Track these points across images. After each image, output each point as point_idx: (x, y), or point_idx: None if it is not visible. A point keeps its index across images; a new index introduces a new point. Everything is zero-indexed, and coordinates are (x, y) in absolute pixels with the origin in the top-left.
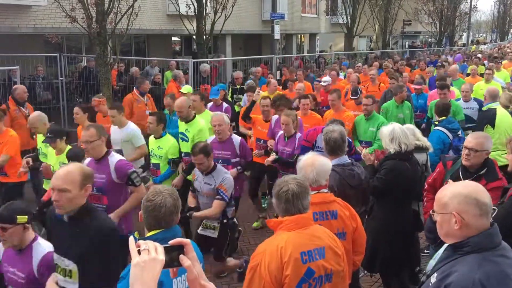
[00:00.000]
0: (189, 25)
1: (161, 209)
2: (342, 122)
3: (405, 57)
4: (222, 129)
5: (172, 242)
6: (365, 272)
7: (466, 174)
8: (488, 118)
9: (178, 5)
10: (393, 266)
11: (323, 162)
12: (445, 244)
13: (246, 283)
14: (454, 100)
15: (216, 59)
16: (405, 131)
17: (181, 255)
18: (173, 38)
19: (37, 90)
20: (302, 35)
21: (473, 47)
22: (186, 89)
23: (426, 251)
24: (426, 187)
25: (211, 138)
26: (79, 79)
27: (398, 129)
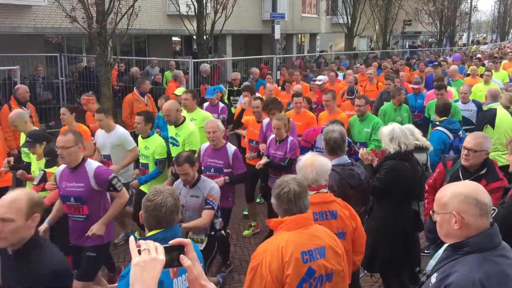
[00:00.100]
0: (189, 25)
1: (161, 209)
2: (342, 123)
3: (405, 57)
4: (217, 136)
5: (172, 242)
6: (365, 272)
7: (466, 174)
8: (488, 118)
9: (179, 5)
10: (393, 266)
11: (323, 162)
12: (445, 244)
13: (247, 283)
14: (452, 101)
15: (217, 59)
16: (404, 131)
17: (181, 255)
18: (174, 38)
19: (37, 90)
20: (303, 35)
21: (473, 47)
22: (180, 91)
23: (426, 251)
24: (427, 189)
25: (205, 145)
26: (79, 79)
27: (398, 129)
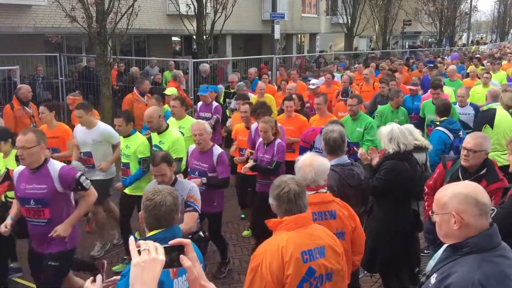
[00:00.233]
0: (189, 25)
1: (161, 208)
2: (341, 123)
3: (405, 57)
4: (204, 139)
5: (172, 242)
6: (365, 272)
7: (466, 174)
8: (488, 118)
9: (178, 5)
10: (393, 266)
11: (322, 162)
12: (445, 245)
13: (247, 283)
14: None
15: (217, 59)
16: (403, 131)
17: (181, 256)
18: (173, 38)
19: (37, 90)
20: (302, 35)
21: (473, 47)
22: (170, 91)
23: (426, 251)
24: (427, 191)
25: (192, 147)
26: (79, 79)
27: (397, 129)
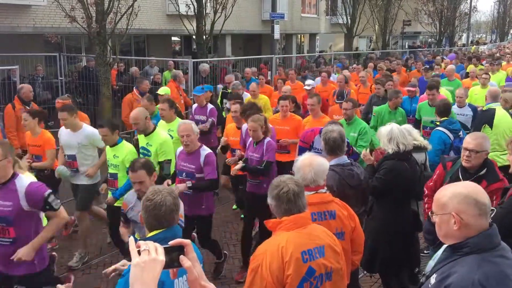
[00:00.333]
0: (188, 25)
1: (161, 208)
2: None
3: (404, 58)
4: (191, 140)
5: (172, 242)
6: (364, 272)
7: (466, 175)
8: (487, 117)
9: (178, 5)
10: (392, 266)
11: (321, 162)
12: (444, 245)
13: (247, 284)
14: None
15: (216, 59)
16: (403, 131)
17: (181, 256)
18: (173, 38)
19: (37, 89)
20: (302, 35)
21: (472, 47)
22: (163, 90)
23: (426, 251)
24: (427, 192)
25: (180, 148)
26: (78, 78)
27: (396, 129)
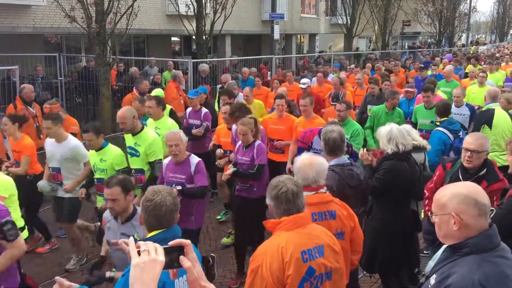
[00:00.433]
0: (188, 25)
1: (162, 208)
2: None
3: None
4: (180, 150)
5: (172, 243)
6: (364, 272)
7: (466, 175)
8: (486, 117)
9: (178, 5)
10: (392, 266)
11: (321, 162)
12: (444, 245)
13: (248, 285)
14: None
15: (216, 59)
16: (402, 131)
17: (181, 256)
18: (173, 38)
19: (36, 90)
20: (302, 36)
21: (472, 48)
22: (157, 92)
23: (425, 251)
24: (427, 194)
25: (167, 159)
26: (78, 79)
27: (396, 130)
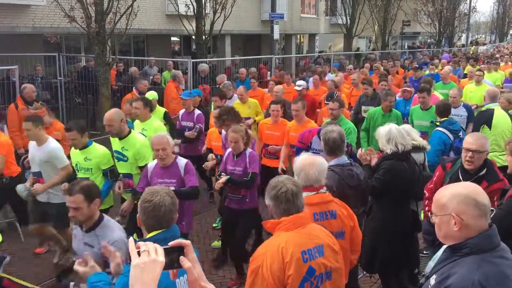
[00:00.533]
0: (188, 25)
1: (161, 208)
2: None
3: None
4: (167, 154)
5: (172, 243)
6: (364, 272)
7: (466, 176)
8: (486, 118)
9: (177, 5)
10: (392, 266)
11: (321, 161)
12: (444, 246)
13: (248, 286)
14: None
15: (216, 59)
16: (401, 131)
17: (181, 257)
18: (172, 38)
19: (36, 89)
20: (302, 36)
21: (472, 48)
22: (151, 95)
23: (425, 251)
24: (427, 195)
25: (153, 164)
26: (78, 78)
27: (395, 130)
